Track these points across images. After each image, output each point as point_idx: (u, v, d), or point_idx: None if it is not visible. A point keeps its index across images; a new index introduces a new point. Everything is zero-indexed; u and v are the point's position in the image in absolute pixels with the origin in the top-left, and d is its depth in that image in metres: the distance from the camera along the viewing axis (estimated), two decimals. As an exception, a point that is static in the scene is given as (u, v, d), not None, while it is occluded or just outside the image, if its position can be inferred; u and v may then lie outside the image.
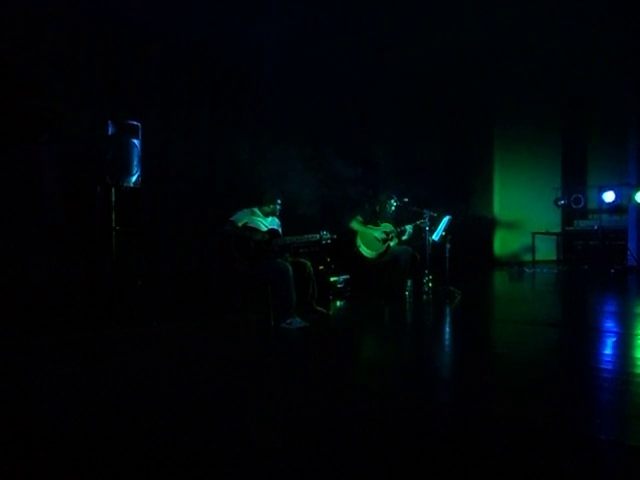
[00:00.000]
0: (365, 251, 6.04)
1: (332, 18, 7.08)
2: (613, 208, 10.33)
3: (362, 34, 7.54)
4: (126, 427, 2.23)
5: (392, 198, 6.18)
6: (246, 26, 6.54)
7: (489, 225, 11.53)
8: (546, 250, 11.56)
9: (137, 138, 4.82)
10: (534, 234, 10.84)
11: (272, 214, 4.94)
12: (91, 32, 5.65)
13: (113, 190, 4.73)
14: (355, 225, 6.08)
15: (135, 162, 4.77)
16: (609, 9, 7.75)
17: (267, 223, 4.85)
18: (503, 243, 11.60)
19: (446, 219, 6.10)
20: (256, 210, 4.88)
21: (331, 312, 5.16)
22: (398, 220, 6.22)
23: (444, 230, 6.05)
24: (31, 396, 2.67)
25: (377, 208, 6.19)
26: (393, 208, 6.18)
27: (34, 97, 4.88)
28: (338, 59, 7.40)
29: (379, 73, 8.33)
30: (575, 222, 10.85)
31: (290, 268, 4.45)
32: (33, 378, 2.98)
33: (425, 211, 5.99)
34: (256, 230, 4.70)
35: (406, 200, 6.20)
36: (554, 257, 11.79)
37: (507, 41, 8.48)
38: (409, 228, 6.06)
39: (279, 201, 4.93)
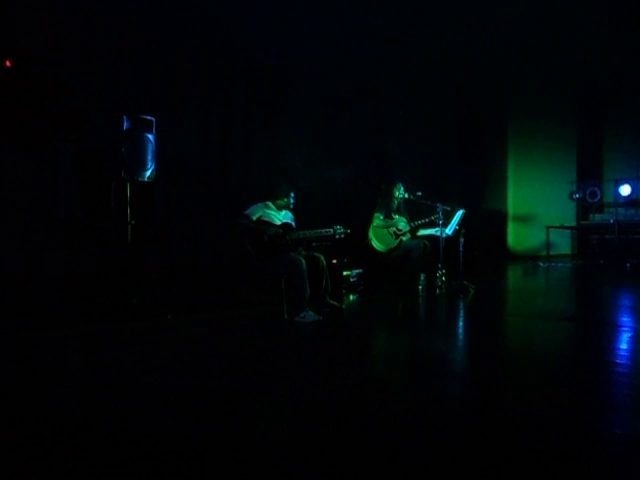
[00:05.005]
0: (376, 245, 6.04)
1: (346, 9, 7.03)
2: (629, 202, 10.20)
3: (377, 28, 7.50)
4: (138, 419, 2.27)
5: (399, 185, 6.12)
6: (256, 17, 6.51)
7: (503, 219, 11.43)
8: (561, 244, 11.45)
9: (151, 133, 4.87)
10: (549, 228, 10.74)
11: (286, 208, 4.95)
12: (106, 26, 5.68)
13: (128, 185, 4.79)
14: (379, 223, 6.02)
15: (150, 157, 4.82)
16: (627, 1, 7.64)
17: (281, 217, 4.86)
18: (517, 237, 11.49)
19: (460, 213, 6.07)
20: (270, 204, 4.89)
21: (344, 306, 5.17)
22: (411, 213, 6.19)
23: (458, 224, 6.02)
24: (44, 389, 2.72)
25: (391, 203, 6.14)
26: (402, 195, 6.11)
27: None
28: (351, 51, 7.36)
29: (393, 67, 8.29)
30: (590, 216, 10.73)
31: (304, 262, 4.46)
32: (46, 371, 3.03)
33: (438, 205, 5.95)
34: (270, 224, 4.71)
35: (419, 194, 6.13)
36: (569, 251, 11.68)
37: (523, 33, 8.38)
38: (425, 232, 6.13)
39: (292, 194, 4.95)
